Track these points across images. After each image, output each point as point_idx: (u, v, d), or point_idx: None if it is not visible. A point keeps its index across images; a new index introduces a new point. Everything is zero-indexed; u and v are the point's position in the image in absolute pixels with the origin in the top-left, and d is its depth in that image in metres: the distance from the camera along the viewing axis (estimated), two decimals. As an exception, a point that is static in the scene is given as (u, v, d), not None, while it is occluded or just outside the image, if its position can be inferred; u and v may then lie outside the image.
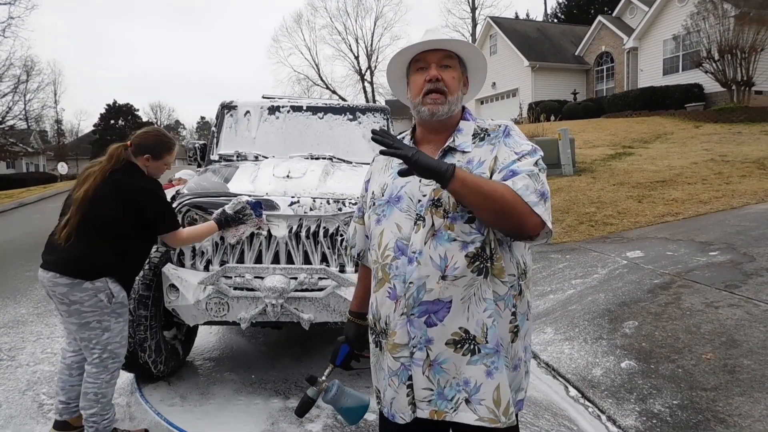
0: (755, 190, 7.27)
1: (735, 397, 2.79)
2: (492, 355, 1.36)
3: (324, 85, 42.18)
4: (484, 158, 1.39)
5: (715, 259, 4.77)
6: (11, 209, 15.29)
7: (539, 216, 1.28)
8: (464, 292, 1.36)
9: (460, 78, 1.48)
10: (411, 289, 1.38)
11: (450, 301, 1.36)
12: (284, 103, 4.47)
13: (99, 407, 2.45)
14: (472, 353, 1.36)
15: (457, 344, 1.37)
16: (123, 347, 2.53)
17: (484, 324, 1.36)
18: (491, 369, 1.36)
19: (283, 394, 3.21)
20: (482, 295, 1.36)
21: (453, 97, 1.44)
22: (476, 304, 1.36)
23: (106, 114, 48.65)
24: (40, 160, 43.27)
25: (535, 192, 1.29)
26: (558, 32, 28.73)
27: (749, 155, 9.84)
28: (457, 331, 1.36)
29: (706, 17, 16.32)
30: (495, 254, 1.37)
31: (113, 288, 2.41)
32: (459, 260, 1.35)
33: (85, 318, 2.38)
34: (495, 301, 1.37)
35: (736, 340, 3.30)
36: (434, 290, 1.36)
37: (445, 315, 1.36)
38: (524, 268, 1.44)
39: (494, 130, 1.44)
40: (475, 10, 39.73)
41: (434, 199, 1.38)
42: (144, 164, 2.57)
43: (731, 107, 15.36)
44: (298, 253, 3.02)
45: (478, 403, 1.36)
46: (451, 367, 1.38)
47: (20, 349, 4.03)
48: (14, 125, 29.92)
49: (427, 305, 1.37)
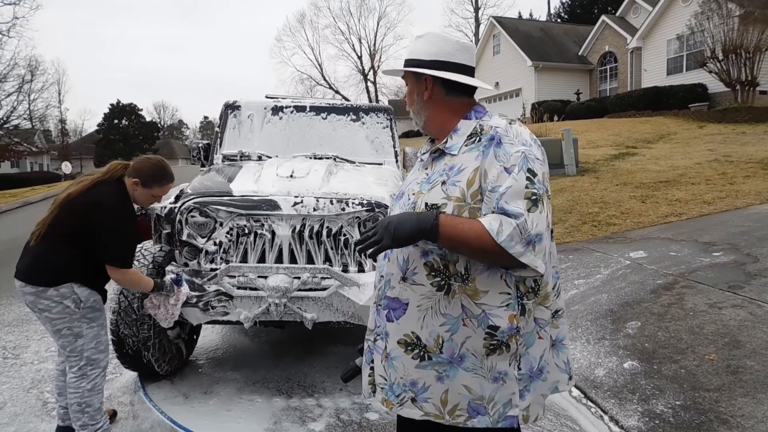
0: (759, 191, 7.24)
1: (738, 398, 2.78)
2: (444, 364, 1.41)
3: (327, 85, 42.28)
4: (465, 165, 1.39)
5: (718, 259, 4.76)
6: (16, 208, 15.35)
7: (527, 264, 1.29)
8: (421, 300, 1.41)
9: (412, 92, 1.54)
10: (382, 282, 1.51)
11: (407, 303, 1.43)
12: (288, 103, 4.48)
13: (86, 417, 2.40)
14: (421, 359, 1.42)
15: (408, 346, 1.43)
16: (101, 353, 2.44)
17: (439, 336, 1.40)
18: (442, 375, 1.41)
19: (286, 393, 3.22)
20: (440, 310, 1.39)
21: (412, 112, 1.55)
22: (432, 317, 1.40)
23: (110, 114, 48.76)
24: (44, 159, 43.43)
25: (520, 242, 1.27)
26: (561, 32, 28.67)
27: (753, 155, 9.80)
28: (408, 333, 1.43)
29: (710, 17, 16.26)
30: (469, 275, 1.37)
31: (80, 293, 2.33)
32: (418, 266, 1.41)
33: (56, 325, 2.33)
34: (462, 318, 1.38)
35: (739, 341, 3.29)
36: (396, 288, 1.45)
37: (401, 315, 1.44)
38: (534, 286, 1.41)
39: (487, 133, 1.41)
40: (478, 10, 39.75)
41: (414, 201, 1.45)
42: (132, 187, 2.48)
43: (735, 107, 15.30)
44: (301, 253, 3.03)
45: (424, 401, 1.43)
46: (400, 366, 1.44)
47: (25, 347, 4.05)
48: (19, 125, 30.07)
49: (389, 301, 1.47)
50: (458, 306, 1.38)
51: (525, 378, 1.43)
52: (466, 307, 1.38)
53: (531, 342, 1.43)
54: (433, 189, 1.42)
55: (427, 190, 1.43)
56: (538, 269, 1.30)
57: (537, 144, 1.42)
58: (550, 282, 1.46)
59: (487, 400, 1.39)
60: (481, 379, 1.39)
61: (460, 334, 1.38)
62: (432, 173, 1.47)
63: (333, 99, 7.49)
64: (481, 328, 1.38)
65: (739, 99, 15.99)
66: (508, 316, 1.37)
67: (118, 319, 3.07)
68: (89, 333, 2.38)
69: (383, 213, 3.07)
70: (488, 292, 1.37)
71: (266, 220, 3.01)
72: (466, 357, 1.39)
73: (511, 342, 1.39)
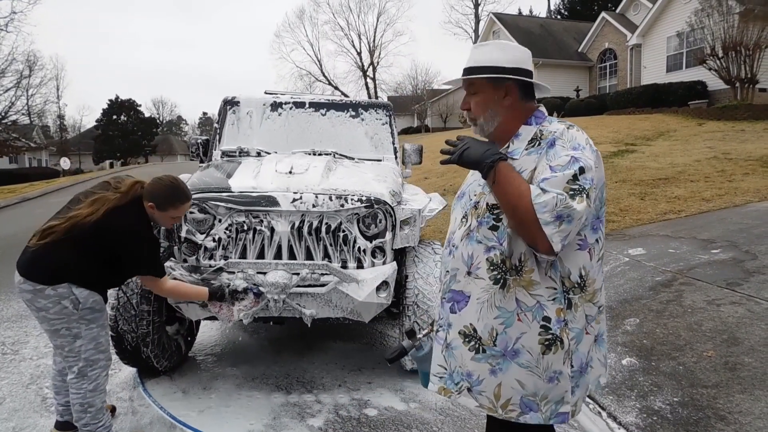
0: (758, 188, 7.25)
1: (736, 395, 2.79)
2: (498, 357, 1.46)
3: (326, 81, 42.16)
4: (525, 168, 1.46)
5: (717, 256, 4.76)
6: (14, 204, 15.33)
7: (546, 235, 1.34)
8: (480, 293, 1.49)
9: (487, 99, 1.55)
10: (447, 276, 1.58)
11: (469, 296, 1.51)
12: (287, 99, 4.47)
13: (88, 417, 2.38)
14: (476, 351, 1.49)
15: (466, 337, 1.51)
16: (101, 353, 2.39)
17: (493, 329, 1.47)
18: (495, 368, 1.47)
19: (285, 389, 3.22)
20: (495, 302, 1.46)
21: (482, 120, 1.57)
22: (488, 309, 1.47)
23: (109, 109, 48.61)
24: (43, 155, 43.33)
25: (551, 212, 1.33)
26: (561, 29, 28.62)
27: (752, 153, 9.80)
28: (467, 325, 1.51)
29: (710, 14, 16.21)
30: (524, 267, 1.44)
31: (79, 294, 2.28)
32: (482, 261, 1.49)
33: (54, 325, 2.29)
34: (518, 312, 1.44)
35: (737, 338, 3.30)
36: (461, 282, 1.53)
37: (463, 307, 1.52)
38: (578, 282, 1.46)
39: (547, 138, 1.49)
40: (478, 7, 39.62)
41: (477, 201, 1.54)
42: (149, 210, 2.43)
43: (735, 105, 15.28)
44: (300, 249, 3.03)
45: (478, 393, 1.49)
46: (459, 356, 1.52)
47: (24, 343, 4.06)
48: (17, 120, 29.95)
49: (454, 293, 1.55)
50: (513, 300, 1.44)
51: (576, 375, 1.48)
52: (520, 300, 1.44)
53: (580, 338, 1.48)
54: None
55: (489, 192, 1.49)
56: (554, 245, 1.35)
57: (592, 149, 1.47)
58: (598, 280, 1.52)
59: (540, 398, 1.45)
60: (535, 378, 1.44)
61: (515, 329, 1.44)
62: None
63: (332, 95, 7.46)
64: (536, 321, 1.43)
65: (738, 96, 15.96)
66: (555, 309, 1.43)
67: (117, 315, 3.07)
68: (88, 334, 2.33)
69: (382, 209, 3.07)
70: (540, 284, 1.43)
71: (265, 216, 3.01)
72: (521, 353, 1.44)
73: (564, 336, 1.44)
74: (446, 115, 34.71)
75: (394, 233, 3.14)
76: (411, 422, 2.81)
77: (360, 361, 3.63)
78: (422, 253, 3.38)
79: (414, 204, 3.38)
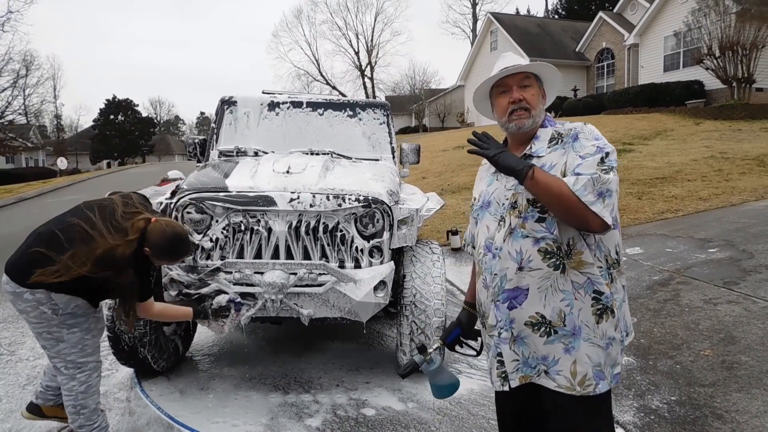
0: (755, 187, 7.27)
1: (732, 393, 2.80)
2: (569, 336, 1.57)
3: (324, 81, 42.15)
4: (556, 162, 1.59)
5: (714, 255, 4.77)
6: (11, 204, 15.28)
7: (596, 213, 1.47)
8: (540, 282, 1.57)
9: (538, 93, 1.70)
10: (496, 279, 1.64)
11: (527, 288, 1.59)
12: (284, 99, 4.46)
13: (82, 418, 2.35)
14: (548, 335, 1.58)
15: (535, 326, 1.59)
16: (89, 356, 2.33)
17: (561, 311, 1.57)
18: (569, 347, 1.57)
19: (283, 389, 3.22)
20: (558, 286, 1.57)
21: (536, 111, 1.67)
22: (553, 294, 1.57)
23: (106, 109, 48.46)
24: (40, 155, 43.18)
25: (592, 192, 1.48)
26: (559, 28, 28.65)
27: (749, 152, 9.83)
28: (534, 315, 1.59)
29: (707, 14, 16.25)
30: (573, 250, 1.57)
31: (58, 299, 2.21)
32: (533, 254, 1.57)
33: (35, 328, 2.26)
34: (573, 291, 1.57)
35: (734, 337, 3.31)
36: (513, 279, 1.60)
37: (524, 300, 1.60)
38: (616, 258, 1.62)
39: (567, 135, 1.62)
40: (476, 6, 39.67)
41: (513, 202, 1.62)
42: (145, 251, 2.29)
43: (732, 104, 15.32)
44: (297, 249, 3.02)
45: (556, 373, 1.58)
46: (531, 343, 1.61)
47: (20, 343, 4.04)
48: (13, 120, 29.88)
49: (508, 292, 1.62)
50: (569, 282, 1.56)
51: (624, 338, 1.65)
52: (574, 281, 1.56)
53: (622, 306, 1.64)
54: None
55: (525, 189, 1.58)
56: (606, 219, 1.48)
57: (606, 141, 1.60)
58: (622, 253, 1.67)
59: (604, 365, 1.57)
60: (596, 348, 1.56)
61: (575, 308, 1.56)
62: None
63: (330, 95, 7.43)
64: (588, 295, 1.56)
65: (735, 96, 16.00)
66: (604, 284, 1.57)
67: (114, 316, 3.06)
68: (71, 338, 2.26)
69: (380, 209, 3.07)
70: (591, 264, 1.57)
71: (262, 216, 3.00)
72: (582, 328, 1.56)
73: (613, 305, 1.58)
74: (444, 115, 34.71)
75: (391, 233, 3.13)
76: (409, 422, 2.81)
77: (358, 361, 3.62)
78: (420, 252, 3.38)
79: (411, 203, 3.38)
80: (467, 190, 10.47)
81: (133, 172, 25.95)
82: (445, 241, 6.93)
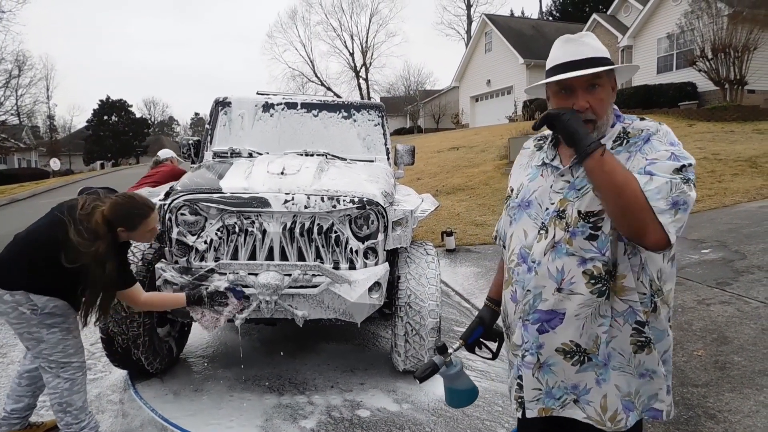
0: (747, 189, 7.32)
1: (725, 393, 2.81)
2: (601, 366, 1.40)
3: (319, 82, 42.12)
4: None
5: (707, 256, 4.80)
6: (3, 205, 15.17)
7: (661, 225, 1.21)
8: (579, 309, 1.36)
9: (609, 92, 1.40)
10: (528, 296, 1.42)
11: (563, 313, 1.38)
12: (279, 100, 4.45)
13: (70, 417, 2.33)
14: (581, 363, 1.40)
15: (567, 354, 1.40)
16: (71, 356, 2.32)
17: (597, 337, 1.38)
18: (599, 378, 1.40)
19: (277, 390, 3.21)
20: (600, 312, 1.37)
21: (602, 121, 1.38)
22: (592, 321, 1.37)
23: (99, 110, 48.20)
24: (33, 155, 42.94)
25: (666, 198, 1.21)
26: (553, 30, 28.73)
27: (742, 154, 9.90)
28: (567, 342, 1.39)
29: (700, 16, 16.36)
30: (617, 272, 1.35)
31: (36, 300, 2.22)
32: (576, 275, 1.35)
33: (16, 329, 2.27)
34: (613, 317, 1.37)
35: (727, 337, 3.33)
36: (549, 300, 1.39)
37: (558, 325, 1.39)
38: (660, 285, 1.39)
39: (635, 136, 1.36)
40: (471, 8, 39.83)
41: (559, 210, 1.38)
42: (122, 236, 2.30)
43: (724, 106, 15.43)
44: (292, 250, 3.02)
45: (586, 403, 1.41)
46: (560, 371, 1.42)
47: (12, 345, 4.01)
48: (6, 121, 29.75)
49: (541, 314, 1.40)
50: (610, 308, 1.37)
51: (669, 374, 1.44)
52: (613, 307, 1.37)
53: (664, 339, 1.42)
54: (585, 196, 1.35)
55: (576, 198, 1.36)
56: (670, 236, 1.22)
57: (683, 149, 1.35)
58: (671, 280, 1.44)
59: (634, 394, 1.40)
60: (628, 377, 1.40)
61: (609, 334, 1.38)
62: (575, 180, 1.39)
63: (325, 96, 7.42)
64: (628, 324, 1.37)
65: (727, 98, 16.11)
66: (644, 312, 1.37)
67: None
68: (51, 338, 2.26)
69: (374, 210, 3.07)
70: (633, 289, 1.36)
71: (257, 217, 3.00)
72: (613, 356, 1.39)
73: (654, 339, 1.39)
74: (438, 116, 34.77)
75: (386, 234, 3.13)
76: (403, 423, 2.81)
77: (352, 362, 3.62)
78: (414, 253, 3.38)
79: (406, 205, 3.38)
80: (462, 191, 10.49)
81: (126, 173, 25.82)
82: (439, 243, 6.94)
